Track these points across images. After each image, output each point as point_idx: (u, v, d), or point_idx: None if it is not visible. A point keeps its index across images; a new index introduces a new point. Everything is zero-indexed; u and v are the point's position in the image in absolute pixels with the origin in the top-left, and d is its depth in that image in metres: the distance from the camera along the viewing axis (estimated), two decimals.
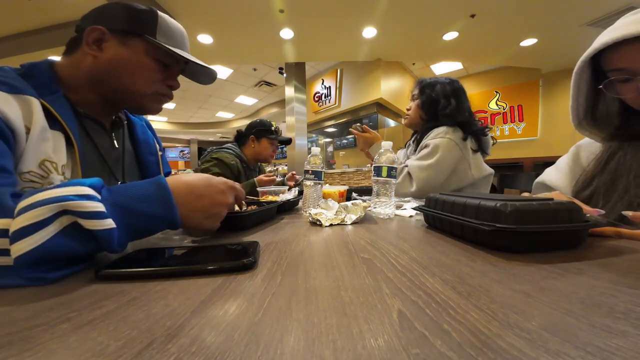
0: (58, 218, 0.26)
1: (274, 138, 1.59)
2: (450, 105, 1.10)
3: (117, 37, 0.53)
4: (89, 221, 0.27)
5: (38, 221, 0.25)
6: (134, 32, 0.53)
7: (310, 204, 0.69)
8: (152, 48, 0.54)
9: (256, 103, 7.43)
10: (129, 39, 0.53)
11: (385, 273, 0.28)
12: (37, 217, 0.25)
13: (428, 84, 1.17)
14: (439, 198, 0.50)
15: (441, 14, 3.30)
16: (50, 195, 0.26)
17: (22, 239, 0.24)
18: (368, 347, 0.15)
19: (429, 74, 5.75)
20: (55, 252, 0.26)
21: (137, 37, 0.53)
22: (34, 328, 0.18)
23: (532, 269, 0.28)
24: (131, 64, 0.54)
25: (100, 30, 0.52)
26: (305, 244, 0.41)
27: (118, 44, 0.53)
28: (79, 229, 0.27)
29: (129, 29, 0.53)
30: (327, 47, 4.20)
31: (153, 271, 0.28)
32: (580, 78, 0.58)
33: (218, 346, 0.15)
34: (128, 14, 0.54)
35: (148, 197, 0.33)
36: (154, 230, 0.36)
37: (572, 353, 0.14)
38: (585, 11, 3.09)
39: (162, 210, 0.34)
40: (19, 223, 0.24)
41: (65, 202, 0.26)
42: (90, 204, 0.27)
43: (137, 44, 0.53)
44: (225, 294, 0.23)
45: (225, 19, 3.30)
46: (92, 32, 0.51)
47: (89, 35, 0.52)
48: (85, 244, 0.28)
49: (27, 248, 0.24)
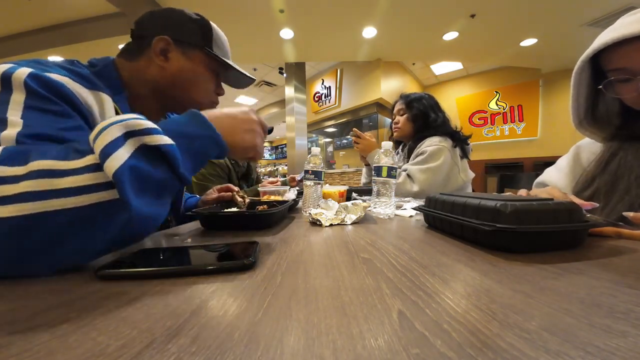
0: (127, 140, 0.29)
1: None
2: (439, 118, 1.24)
3: (179, 47, 0.55)
4: (152, 137, 0.30)
5: (112, 140, 0.27)
6: (195, 44, 0.56)
7: (310, 204, 0.69)
8: (211, 61, 0.58)
9: (256, 103, 7.43)
10: (191, 50, 0.56)
11: (385, 273, 0.28)
12: (110, 137, 0.28)
13: (414, 99, 1.28)
14: (439, 198, 0.50)
15: (441, 14, 3.31)
16: (109, 121, 0.29)
17: (109, 157, 0.27)
18: (368, 347, 0.15)
19: (429, 74, 5.75)
20: (139, 173, 0.29)
21: (199, 50, 0.56)
22: (34, 328, 0.18)
23: (532, 269, 0.28)
24: (195, 76, 0.57)
25: (166, 40, 0.54)
26: (305, 244, 0.41)
27: (181, 55, 0.55)
28: (147, 151, 0.30)
29: (191, 41, 0.55)
30: (327, 47, 4.20)
31: (153, 271, 0.28)
32: (580, 78, 0.58)
33: (218, 346, 0.15)
34: (185, 22, 0.56)
35: (187, 122, 0.36)
36: (208, 153, 0.37)
37: (572, 353, 0.14)
38: (585, 11, 3.09)
39: (203, 130, 0.36)
40: (99, 145, 0.27)
41: (126, 122, 0.29)
42: (145, 122, 0.30)
43: (199, 56, 0.56)
44: (225, 294, 0.23)
45: (225, 18, 3.30)
46: (160, 42, 0.53)
47: (157, 45, 0.53)
48: (158, 167, 0.31)
49: (116, 165, 0.26)
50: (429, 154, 1.13)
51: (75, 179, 0.27)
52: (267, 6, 3.10)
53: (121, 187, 0.27)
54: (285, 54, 4.30)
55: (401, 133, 1.30)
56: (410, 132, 1.28)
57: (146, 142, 0.30)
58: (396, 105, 1.35)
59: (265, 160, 10.18)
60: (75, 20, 3.30)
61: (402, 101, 1.30)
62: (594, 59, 0.54)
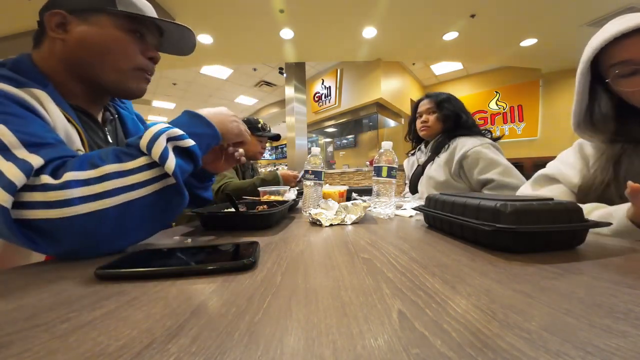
0: (168, 143, 0.39)
1: (260, 135, 1.58)
2: (469, 118, 1.27)
3: (78, 17, 0.50)
4: (183, 141, 0.41)
5: (164, 147, 0.38)
6: (93, 8, 0.50)
7: (310, 204, 0.69)
8: (120, 20, 0.51)
9: (256, 103, 7.43)
10: (91, 16, 0.50)
11: (385, 273, 0.28)
12: (161, 146, 0.38)
13: (444, 99, 1.29)
14: (439, 198, 0.50)
15: (441, 14, 3.30)
16: (154, 130, 0.39)
17: (166, 160, 0.37)
18: (368, 347, 0.15)
19: (429, 74, 5.75)
20: (182, 168, 0.41)
21: (100, 12, 0.50)
22: (34, 328, 0.18)
23: (532, 269, 0.28)
24: (103, 40, 0.51)
25: (61, 14, 0.49)
26: (305, 244, 0.41)
27: (81, 23, 0.50)
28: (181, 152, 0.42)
29: (88, 6, 0.50)
30: (327, 47, 4.20)
31: (153, 271, 0.28)
32: (585, 81, 0.58)
33: (218, 346, 0.15)
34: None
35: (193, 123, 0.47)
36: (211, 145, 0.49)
37: (572, 353, 0.14)
38: (585, 11, 3.09)
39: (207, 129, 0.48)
40: (157, 152, 0.37)
41: (166, 132, 0.39)
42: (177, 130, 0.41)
43: (103, 18, 0.50)
44: (225, 294, 0.23)
45: (225, 19, 3.30)
46: (52, 16, 0.48)
47: (50, 21, 0.49)
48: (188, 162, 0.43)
49: (172, 165, 0.38)
50: (487, 157, 1.09)
51: (139, 176, 0.37)
52: (267, 6, 3.10)
53: (178, 180, 0.39)
54: (285, 54, 4.30)
55: (430, 132, 1.30)
56: (438, 131, 1.28)
57: (179, 145, 0.41)
58: (422, 103, 1.33)
59: (265, 160, 10.19)
60: None
61: (431, 100, 1.30)
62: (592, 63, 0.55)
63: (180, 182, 0.39)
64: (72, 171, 0.34)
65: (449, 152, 1.18)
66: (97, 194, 0.34)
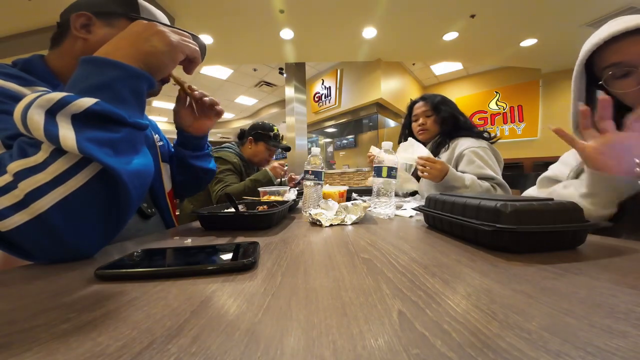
0: (55, 117, 0.29)
1: (271, 144, 1.55)
2: (467, 120, 1.27)
3: (102, 20, 0.52)
4: (73, 104, 0.29)
5: (44, 124, 0.28)
6: (118, 12, 0.53)
7: (310, 204, 0.69)
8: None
9: (256, 103, 7.43)
10: (115, 19, 0.53)
11: (385, 273, 0.28)
12: (39, 123, 0.28)
13: (440, 101, 1.28)
14: (439, 198, 0.50)
15: (441, 14, 3.31)
16: (20, 107, 0.29)
17: (57, 137, 0.28)
18: (368, 348, 0.15)
19: (429, 74, 5.75)
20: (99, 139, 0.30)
21: (122, 17, 0.53)
22: (34, 328, 0.18)
23: (532, 269, 0.28)
24: None
25: (87, 15, 0.51)
26: (305, 244, 0.41)
27: (105, 25, 0.52)
28: (84, 118, 0.30)
29: (113, 11, 0.53)
30: (327, 47, 4.20)
31: (153, 271, 0.28)
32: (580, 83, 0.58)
33: (218, 346, 0.15)
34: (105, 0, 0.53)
35: (90, 72, 0.34)
36: (137, 88, 0.36)
37: (573, 353, 0.14)
38: (585, 11, 3.09)
39: (111, 71, 0.34)
40: (40, 134, 0.28)
41: (35, 102, 0.28)
42: (53, 93, 0.29)
43: (124, 23, 0.53)
44: (225, 294, 0.23)
45: (225, 19, 3.30)
46: (79, 17, 0.51)
47: (76, 22, 0.51)
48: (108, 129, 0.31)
49: (72, 142, 0.28)
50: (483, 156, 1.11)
51: (54, 168, 0.28)
52: (267, 6, 3.10)
53: (95, 157, 0.28)
54: (285, 54, 4.30)
55: (428, 135, 1.30)
56: (436, 133, 1.28)
57: (74, 112, 0.29)
58: (417, 106, 1.33)
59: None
60: None
61: (427, 102, 1.29)
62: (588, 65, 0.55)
63: (102, 158, 0.28)
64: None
65: (449, 151, 1.19)
66: (19, 202, 0.28)
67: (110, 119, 0.31)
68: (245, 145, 1.60)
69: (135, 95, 0.35)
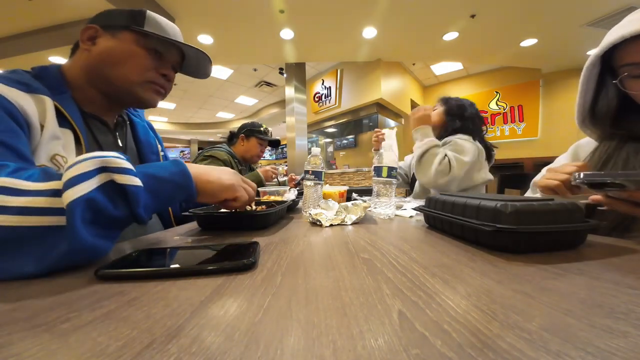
0: (98, 174, 0.31)
1: (262, 138, 1.64)
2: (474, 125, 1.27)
3: (109, 32, 0.56)
4: (122, 176, 0.32)
5: (83, 172, 0.29)
6: (122, 25, 0.56)
7: (311, 204, 0.69)
8: (141, 38, 0.57)
9: (256, 103, 7.43)
10: (119, 32, 0.56)
11: (385, 273, 0.28)
12: (83, 169, 0.30)
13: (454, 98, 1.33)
14: (439, 198, 0.50)
15: (441, 14, 3.31)
16: (92, 154, 0.32)
17: (72, 187, 0.28)
18: (368, 348, 0.15)
19: (429, 74, 5.75)
20: (96, 206, 0.30)
21: (126, 29, 0.56)
22: (34, 328, 0.18)
23: (532, 269, 0.28)
24: (121, 52, 0.56)
25: (94, 28, 0.55)
26: (305, 244, 0.41)
27: (109, 37, 0.56)
28: (113, 188, 0.32)
29: (118, 24, 0.56)
30: (327, 47, 4.20)
31: (153, 271, 0.28)
32: (591, 74, 0.58)
33: (218, 346, 0.15)
34: (118, 12, 0.58)
35: (165, 166, 0.39)
36: (174, 197, 0.40)
37: (573, 353, 0.14)
38: (585, 11, 3.09)
39: (176, 176, 0.39)
40: (69, 174, 0.29)
41: (105, 158, 0.31)
42: (124, 162, 0.33)
43: (126, 35, 0.56)
44: (225, 294, 0.23)
45: (225, 19, 3.30)
46: (87, 30, 0.55)
47: (84, 34, 0.55)
48: (117, 204, 0.32)
49: (75, 195, 0.28)
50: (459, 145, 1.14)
51: (31, 200, 0.28)
52: (267, 6, 3.10)
53: (71, 215, 0.27)
54: (285, 54, 4.30)
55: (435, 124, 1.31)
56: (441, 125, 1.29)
57: (115, 180, 0.32)
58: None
59: (265, 161, 10.20)
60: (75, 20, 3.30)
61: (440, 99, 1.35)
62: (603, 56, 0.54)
63: (74, 218, 0.27)
64: None
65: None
66: None
67: (129, 199, 0.33)
68: (237, 144, 1.67)
69: (168, 199, 0.39)
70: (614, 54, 0.53)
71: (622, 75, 0.52)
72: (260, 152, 1.70)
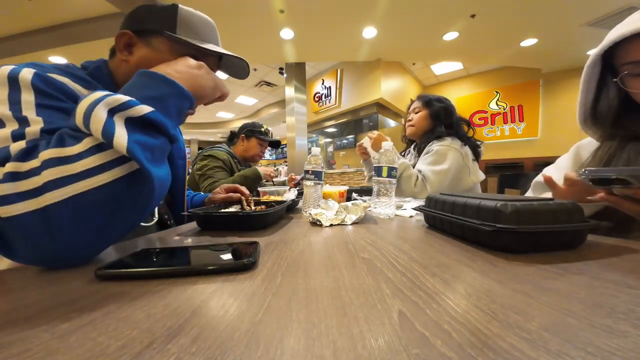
0: (114, 117, 0.31)
1: (262, 138, 1.64)
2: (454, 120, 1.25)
3: (142, 38, 0.53)
4: (133, 109, 0.32)
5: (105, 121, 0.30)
6: (153, 30, 0.53)
7: (311, 204, 0.69)
8: (176, 45, 0.53)
9: (256, 103, 7.43)
10: (152, 38, 0.53)
11: (385, 273, 0.28)
12: (101, 118, 0.30)
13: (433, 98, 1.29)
14: (439, 198, 0.50)
15: (441, 14, 3.31)
16: (88, 102, 0.31)
17: (113, 137, 0.29)
18: (368, 348, 0.15)
19: (429, 74, 5.75)
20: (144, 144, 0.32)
21: (158, 35, 0.53)
22: (34, 328, 0.18)
23: (532, 269, 0.28)
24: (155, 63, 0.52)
25: (127, 34, 0.53)
26: (305, 244, 0.41)
27: (144, 45, 0.53)
28: (138, 122, 0.32)
29: (150, 28, 0.53)
30: (327, 47, 4.20)
31: (153, 271, 0.28)
32: (592, 72, 0.57)
33: (218, 346, 0.15)
34: (147, 12, 0.54)
35: (149, 84, 0.37)
36: (182, 108, 0.40)
37: (573, 353, 0.14)
38: (585, 11, 3.09)
39: (167, 88, 0.38)
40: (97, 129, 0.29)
41: (103, 101, 0.31)
42: (120, 96, 0.32)
43: (160, 42, 0.53)
44: (226, 294, 0.23)
45: (225, 19, 3.30)
46: (121, 37, 0.53)
47: (119, 41, 0.53)
48: (153, 135, 0.34)
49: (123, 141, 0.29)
50: (439, 153, 1.14)
51: (86, 162, 0.29)
52: (267, 6, 3.10)
53: (138, 160, 0.30)
54: (285, 54, 4.30)
55: (414, 131, 1.30)
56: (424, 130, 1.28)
57: (131, 115, 0.32)
58: (412, 105, 1.35)
59: (265, 160, 10.20)
60: (75, 20, 3.30)
61: (419, 100, 1.31)
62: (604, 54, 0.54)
63: (143, 162, 0.30)
64: (14, 161, 0.29)
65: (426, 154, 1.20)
66: (34, 189, 0.27)
67: (157, 127, 0.34)
68: (237, 144, 1.67)
69: (178, 112, 0.39)
70: (615, 53, 0.53)
71: (623, 74, 0.52)
72: (261, 153, 1.69)
